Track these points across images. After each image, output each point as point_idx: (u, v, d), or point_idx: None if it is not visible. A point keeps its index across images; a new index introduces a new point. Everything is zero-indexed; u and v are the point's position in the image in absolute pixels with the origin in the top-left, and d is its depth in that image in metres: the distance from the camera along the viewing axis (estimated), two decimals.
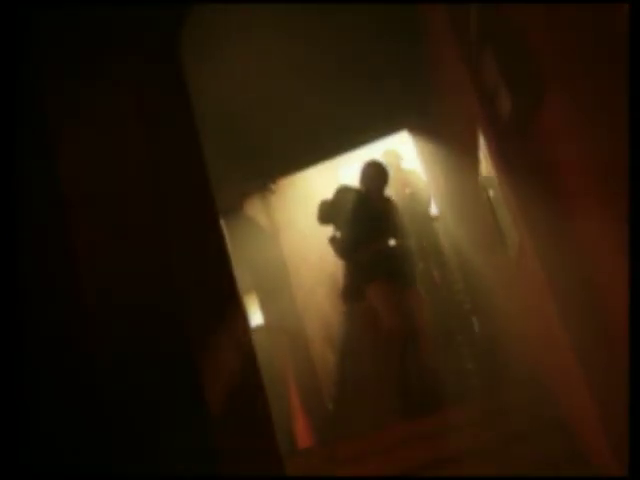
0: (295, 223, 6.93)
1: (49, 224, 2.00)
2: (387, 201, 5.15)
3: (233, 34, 4.01)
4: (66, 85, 2.12)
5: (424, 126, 6.37)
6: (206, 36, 3.71)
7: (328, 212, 5.12)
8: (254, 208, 6.92)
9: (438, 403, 4.32)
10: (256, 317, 6.34)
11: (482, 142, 3.31)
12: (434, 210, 7.04)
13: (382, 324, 4.63)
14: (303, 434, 5.50)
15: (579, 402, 3.00)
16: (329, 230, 5.31)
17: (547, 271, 2.93)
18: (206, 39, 3.76)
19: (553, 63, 2.24)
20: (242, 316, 2.34)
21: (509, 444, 3.70)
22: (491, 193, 3.62)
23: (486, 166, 3.50)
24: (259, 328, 6.12)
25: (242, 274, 5.70)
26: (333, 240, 5.14)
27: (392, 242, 4.85)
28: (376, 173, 5.10)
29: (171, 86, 2.39)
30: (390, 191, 6.74)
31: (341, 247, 4.97)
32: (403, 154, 6.91)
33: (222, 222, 3.93)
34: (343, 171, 7.86)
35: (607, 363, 2.44)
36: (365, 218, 4.82)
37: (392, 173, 6.93)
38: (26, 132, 2.03)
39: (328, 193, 5.35)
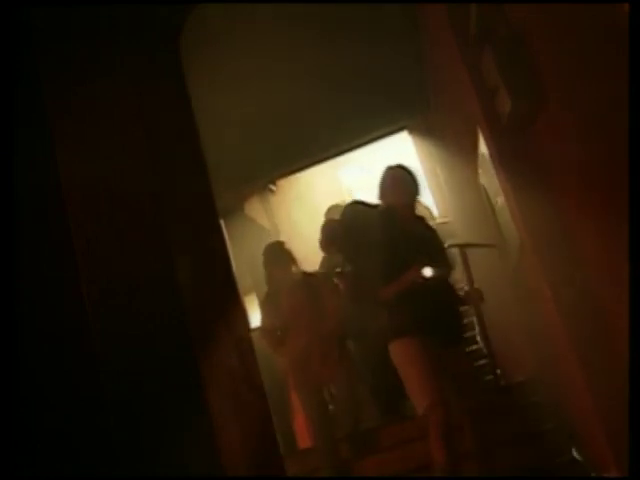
0: (295, 223, 6.94)
1: (49, 223, 2.01)
2: (420, 222, 3.55)
3: (234, 34, 4.01)
4: (66, 85, 2.12)
5: (424, 126, 6.38)
6: (207, 36, 3.72)
7: (336, 236, 3.68)
8: (254, 209, 6.93)
9: None
10: (256, 317, 6.33)
11: (482, 142, 3.31)
12: (435, 212, 7.04)
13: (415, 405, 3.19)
14: (303, 434, 5.49)
15: (579, 402, 3.00)
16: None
17: (547, 271, 2.93)
18: (207, 39, 3.77)
19: (553, 63, 2.24)
20: (242, 316, 2.34)
21: (509, 444, 3.70)
22: (491, 193, 3.62)
23: (486, 166, 3.50)
24: (259, 328, 6.11)
25: (242, 274, 5.70)
26: (343, 276, 3.84)
27: (426, 273, 3.15)
28: (403, 182, 3.45)
29: (171, 86, 2.39)
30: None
31: (354, 286, 3.61)
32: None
33: (222, 223, 3.93)
34: (343, 171, 7.86)
35: (607, 364, 2.44)
36: (388, 246, 3.29)
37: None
38: (26, 132, 2.03)
39: (328, 193, 4.98)
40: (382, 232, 3.36)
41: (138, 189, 2.02)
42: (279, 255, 4.41)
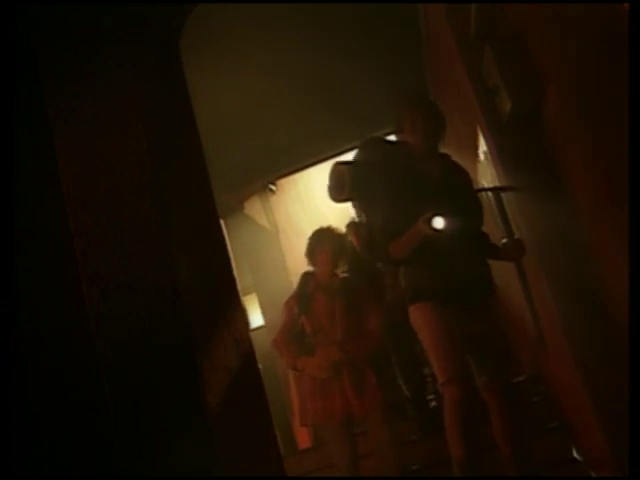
0: (295, 223, 6.93)
1: (49, 224, 2.01)
2: (444, 161, 2.97)
3: (233, 34, 4.01)
4: (66, 84, 2.12)
5: None
6: (206, 36, 3.72)
7: (346, 181, 2.97)
8: (254, 208, 6.93)
9: None
10: (256, 317, 6.35)
11: (482, 142, 3.31)
12: None
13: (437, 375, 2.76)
14: (303, 434, 5.50)
15: (579, 402, 3.00)
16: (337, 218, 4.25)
17: (547, 271, 2.93)
18: (206, 39, 3.77)
19: (553, 62, 2.24)
20: (242, 316, 2.34)
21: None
22: (491, 193, 3.62)
23: (486, 166, 3.50)
24: (259, 328, 6.12)
25: (242, 274, 5.71)
26: (355, 227, 3.22)
27: (436, 224, 2.54)
28: (424, 114, 2.89)
29: (171, 86, 2.39)
30: None
31: (367, 239, 2.93)
32: None
33: (222, 222, 3.93)
34: None
35: (607, 363, 2.44)
36: (405, 187, 2.76)
37: None
38: (26, 132, 2.03)
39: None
40: (393, 174, 2.80)
41: (138, 189, 2.02)
42: (326, 245, 3.48)
